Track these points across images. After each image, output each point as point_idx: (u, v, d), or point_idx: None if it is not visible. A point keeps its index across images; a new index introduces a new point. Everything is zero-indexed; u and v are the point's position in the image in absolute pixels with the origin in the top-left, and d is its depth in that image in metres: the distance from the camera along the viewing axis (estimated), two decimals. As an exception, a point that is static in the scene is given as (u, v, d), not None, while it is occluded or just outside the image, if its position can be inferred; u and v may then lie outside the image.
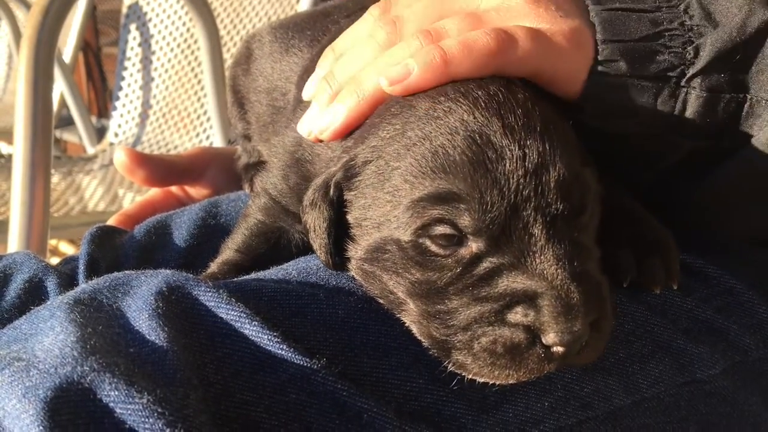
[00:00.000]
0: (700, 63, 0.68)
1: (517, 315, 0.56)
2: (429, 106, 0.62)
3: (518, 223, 0.58)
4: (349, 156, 0.65)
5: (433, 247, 0.60)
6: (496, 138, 0.58)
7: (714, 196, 0.77)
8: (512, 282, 0.57)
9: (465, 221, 0.58)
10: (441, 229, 0.59)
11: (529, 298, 0.56)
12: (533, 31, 0.66)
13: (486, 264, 0.59)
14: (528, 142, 0.58)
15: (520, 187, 0.57)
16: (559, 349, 0.56)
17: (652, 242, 0.70)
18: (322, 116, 0.70)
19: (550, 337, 0.55)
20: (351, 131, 0.69)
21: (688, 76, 0.69)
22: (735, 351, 0.75)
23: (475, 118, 0.59)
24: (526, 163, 0.58)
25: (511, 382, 0.58)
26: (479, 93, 0.61)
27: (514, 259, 0.58)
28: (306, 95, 0.76)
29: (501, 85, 0.62)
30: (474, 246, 0.59)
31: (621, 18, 0.69)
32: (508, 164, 0.58)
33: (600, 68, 0.68)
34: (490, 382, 0.59)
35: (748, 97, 0.69)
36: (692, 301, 0.74)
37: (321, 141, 0.71)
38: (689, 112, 0.69)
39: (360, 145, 0.65)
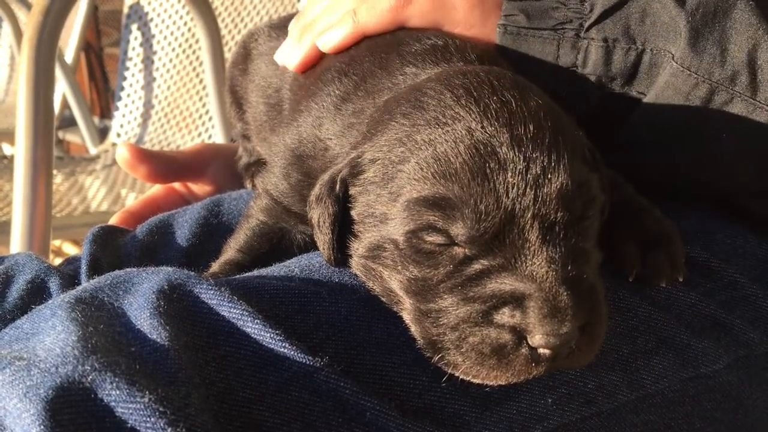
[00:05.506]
0: (594, 15, 0.77)
1: (503, 316, 0.56)
2: (439, 110, 0.61)
3: (513, 228, 0.57)
4: (357, 153, 0.65)
5: (426, 245, 0.60)
6: (502, 150, 0.58)
7: (633, 138, 0.82)
8: (501, 283, 0.57)
9: (458, 229, 0.58)
10: (433, 236, 0.59)
11: (516, 300, 0.56)
12: None
13: (477, 265, 0.58)
14: (534, 155, 0.58)
15: (519, 197, 0.57)
16: (546, 351, 0.55)
17: (656, 236, 0.69)
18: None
19: (535, 339, 0.55)
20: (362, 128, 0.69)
21: (585, 27, 0.78)
22: (739, 345, 0.74)
23: (483, 127, 0.59)
24: (528, 175, 0.57)
25: (500, 383, 0.58)
26: (492, 100, 0.60)
27: (506, 261, 0.57)
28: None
29: (516, 91, 0.61)
30: (467, 249, 0.59)
31: None
32: (509, 175, 0.57)
33: (501, 22, 0.81)
34: (480, 383, 0.58)
35: (648, 47, 0.76)
36: (696, 295, 0.74)
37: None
38: (590, 62, 0.78)
39: (368, 141, 0.65)
